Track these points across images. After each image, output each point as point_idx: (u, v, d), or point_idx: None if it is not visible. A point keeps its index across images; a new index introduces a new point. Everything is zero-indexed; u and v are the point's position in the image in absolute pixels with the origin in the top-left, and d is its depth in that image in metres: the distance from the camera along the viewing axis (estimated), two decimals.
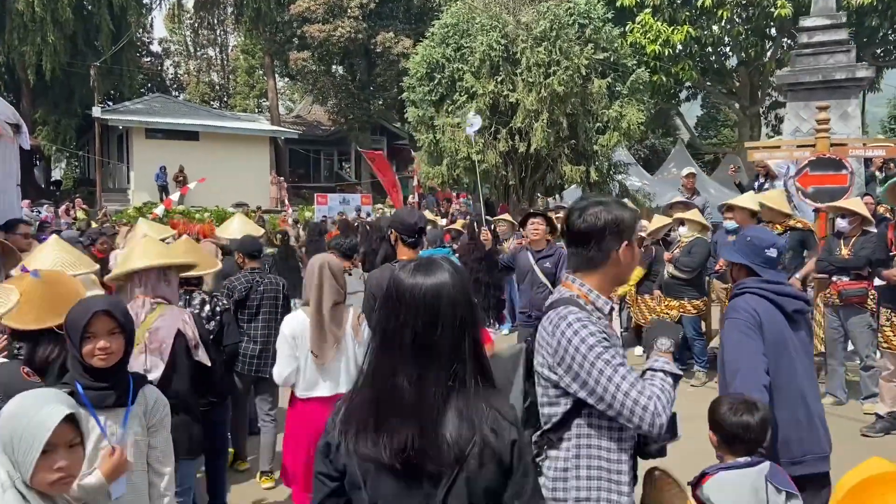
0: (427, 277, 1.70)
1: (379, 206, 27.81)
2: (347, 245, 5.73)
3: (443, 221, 16.90)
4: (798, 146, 7.63)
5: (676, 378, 2.14)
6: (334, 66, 32.99)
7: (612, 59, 16.36)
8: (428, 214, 14.06)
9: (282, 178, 30.71)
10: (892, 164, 8.41)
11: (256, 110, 44.81)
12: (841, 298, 6.55)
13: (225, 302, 4.93)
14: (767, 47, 18.66)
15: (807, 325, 3.14)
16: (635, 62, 16.66)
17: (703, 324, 7.90)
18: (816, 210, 7.32)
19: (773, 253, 3.05)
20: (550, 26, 15.46)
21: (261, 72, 45.41)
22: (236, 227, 7.43)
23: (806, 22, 10.06)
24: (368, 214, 25.19)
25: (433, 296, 1.68)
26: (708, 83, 19.97)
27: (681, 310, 7.50)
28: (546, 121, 15.24)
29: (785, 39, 18.49)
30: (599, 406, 2.04)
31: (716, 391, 3.07)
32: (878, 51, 20.30)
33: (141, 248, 3.65)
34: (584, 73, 15.58)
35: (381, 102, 34.53)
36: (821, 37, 9.78)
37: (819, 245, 6.90)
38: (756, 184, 8.94)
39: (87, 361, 2.48)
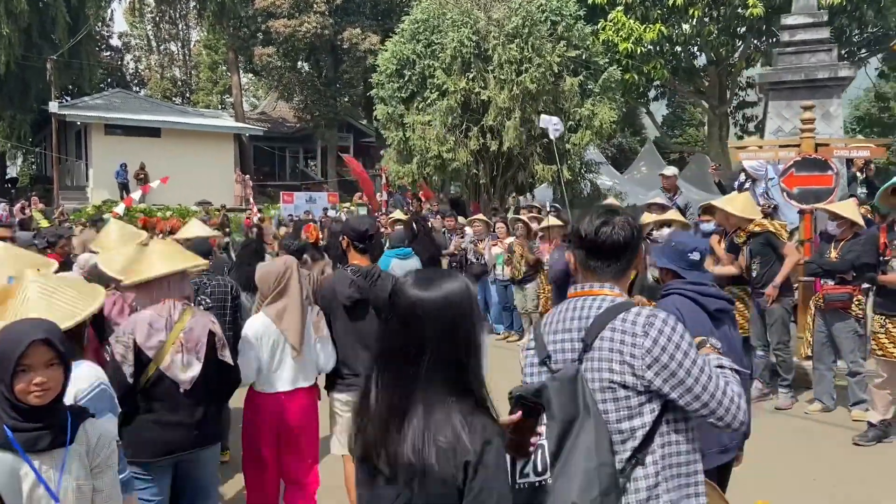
0: (416, 289, 1.73)
1: (346, 204, 27.34)
2: (296, 246, 5.64)
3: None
4: (783, 146, 7.45)
5: (739, 375, 2.21)
6: (300, 63, 32.37)
7: (584, 57, 16.18)
8: (398, 214, 13.71)
9: (247, 176, 30.07)
10: (872, 166, 8.30)
11: (220, 106, 43.94)
12: (825, 302, 6.37)
13: (209, 301, 4.95)
14: (737, 46, 18.60)
15: (731, 321, 3.34)
16: (607, 60, 16.49)
17: None
18: (801, 211, 7.15)
19: (695, 256, 3.28)
20: (522, 23, 15.22)
21: (224, 67, 44.63)
22: (194, 231, 7.25)
23: (787, 20, 9.92)
24: (337, 213, 24.75)
25: (408, 307, 1.71)
26: (677, 82, 19.89)
27: None
28: (518, 119, 14.98)
29: (755, 40, 18.46)
30: (693, 405, 1.99)
31: None
32: (843, 51, 20.44)
33: (160, 251, 3.66)
34: (556, 71, 15.38)
35: (346, 99, 34.05)
36: (802, 35, 9.65)
37: (786, 243, 6.71)
38: (736, 183, 8.77)
39: (19, 399, 2.10)
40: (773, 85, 9.83)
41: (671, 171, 9.62)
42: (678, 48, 17.76)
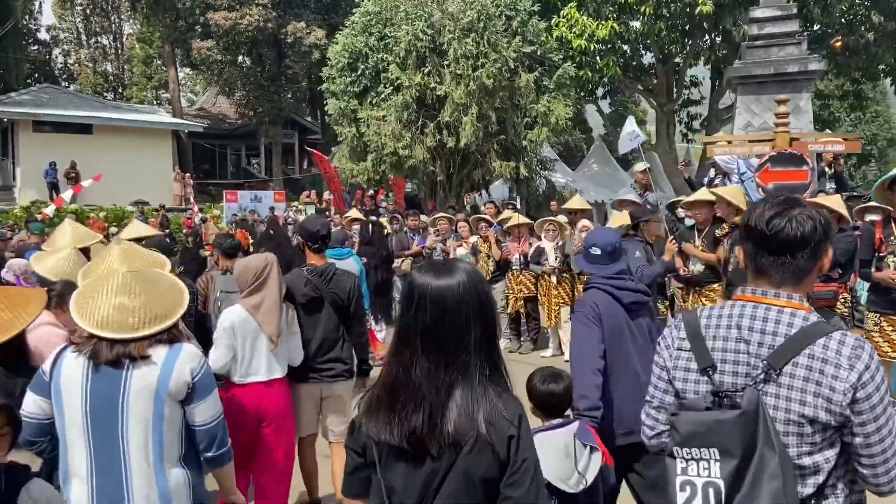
0: (436, 278, 1.81)
1: (294, 203, 26.60)
2: (228, 245, 5.58)
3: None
4: (756, 141, 7.33)
5: None
6: (241, 57, 31.36)
7: (538, 53, 16.00)
8: (355, 213, 13.23)
9: (186, 174, 28.98)
10: (841, 160, 8.29)
11: (155, 102, 42.41)
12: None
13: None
14: (686, 44, 18.70)
15: (648, 313, 3.52)
16: (561, 56, 16.35)
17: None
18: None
19: (595, 251, 3.48)
20: (478, 17, 14.93)
21: (159, 62, 43.08)
22: (137, 231, 6.94)
23: (756, 13, 9.86)
24: (284, 212, 24.01)
25: (439, 294, 1.79)
26: (629, 79, 19.93)
27: None
28: (475, 115, 14.69)
29: (704, 38, 18.59)
30: (874, 449, 1.79)
31: None
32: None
33: (122, 254, 3.38)
34: (511, 67, 15.14)
35: (290, 96, 33.20)
36: (771, 28, 9.59)
37: None
38: (706, 179, 8.64)
39: None
40: (742, 79, 9.76)
41: (643, 166, 9.43)
42: (628, 46, 17.70)
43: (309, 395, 4.39)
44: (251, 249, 10.04)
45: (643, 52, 19.86)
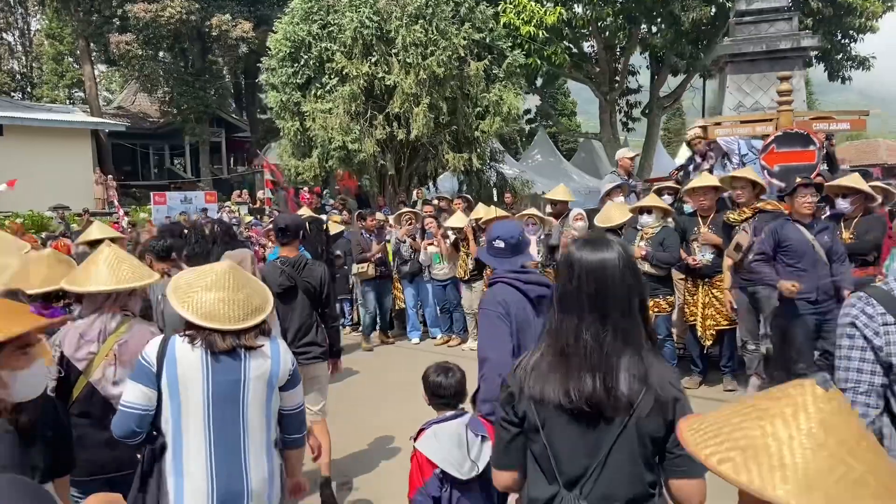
0: (593, 252, 1.97)
1: (227, 204, 25.41)
2: (160, 247, 5.39)
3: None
4: (758, 121, 7.02)
5: None
6: (163, 52, 29.77)
7: (487, 41, 15.50)
8: (306, 211, 12.46)
9: (109, 176, 27.30)
10: (833, 140, 8.11)
11: (68, 101, 40.02)
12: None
13: None
14: (632, 30, 18.55)
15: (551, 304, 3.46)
16: (510, 44, 15.91)
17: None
18: (782, 191, 6.72)
19: (499, 244, 3.41)
20: (426, 3, 14.31)
21: (71, 59, 40.68)
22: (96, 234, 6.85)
23: None
24: (218, 214, 22.85)
25: (600, 266, 1.94)
26: (573, 68, 19.67)
27: (655, 308, 6.63)
28: (427, 105, 14.09)
29: (651, 25, 18.49)
30: None
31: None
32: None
33: (110, 260, 3.38)
34: (461, 55, 14.60)
35: (213, 92, 31.63)
36: (760, 3, 9.28)
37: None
38: (692, 165, 8.31)
39: None
40: (731, 57, 9.42)
41: (631, 152, 9.00)
42: (574, 33, 17.41)
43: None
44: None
45: (590, 39, 19.61)
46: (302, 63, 14.84)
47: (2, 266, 4.23)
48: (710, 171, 7.61)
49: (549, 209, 9.18)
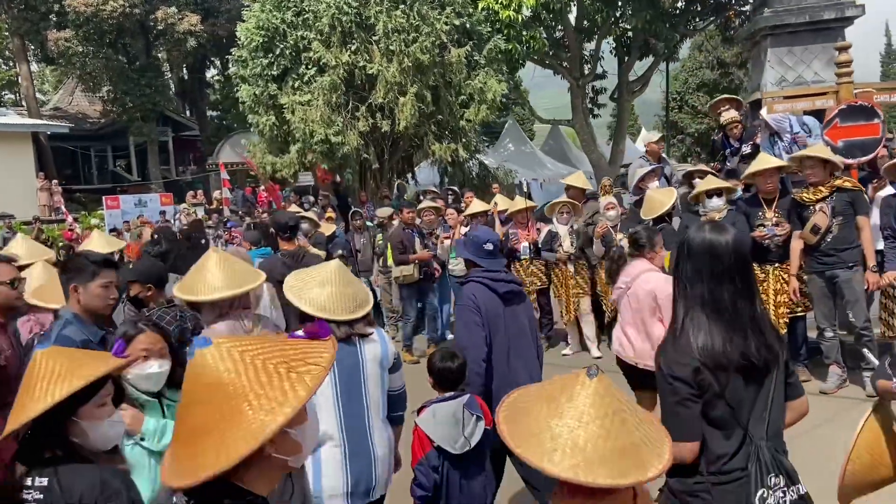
0: (722, 234, 2.33)
1: (184, 205, 24.24)
2: (157, 251, 5.63)
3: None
4: (814, 95, 6.67)
5: None
6: (105, 48, 28.17)
7: (467, 26, 14.96)
8: (293, 208, 11.71)
9: (54, 181, 25.77)
10: None
11: None
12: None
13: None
14: (611, 14, 18.15)
15: (518, 300, 3.98)
16: (490, 29, 15.39)
17: None
18: (847, 167, 6.40)
19: (489, 247, 3.96)
20: None
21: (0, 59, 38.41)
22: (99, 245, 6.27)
23: None
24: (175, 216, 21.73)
25: (738, 244, 2.34)
26: (550, 53, 19.25)
27: None
28: (413, 95, 13.47)
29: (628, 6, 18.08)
30: None
31: None
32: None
33: (221, 266, 3.48)
34: (443, 41, 14.03)
35: (159, 89, 30.17)
36: None
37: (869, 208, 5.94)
38: (728, 150, 7.90)
39: None
40: (772, 30, 8.96)
41: (656, 135, 8.53)
42: (551, 17, 16.97)
43: None
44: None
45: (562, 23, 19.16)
46: (277, 53, 14.02)
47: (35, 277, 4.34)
48: (754, 153, 7.21)
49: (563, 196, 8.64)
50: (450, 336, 9.26)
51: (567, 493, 1.60)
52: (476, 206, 8.73)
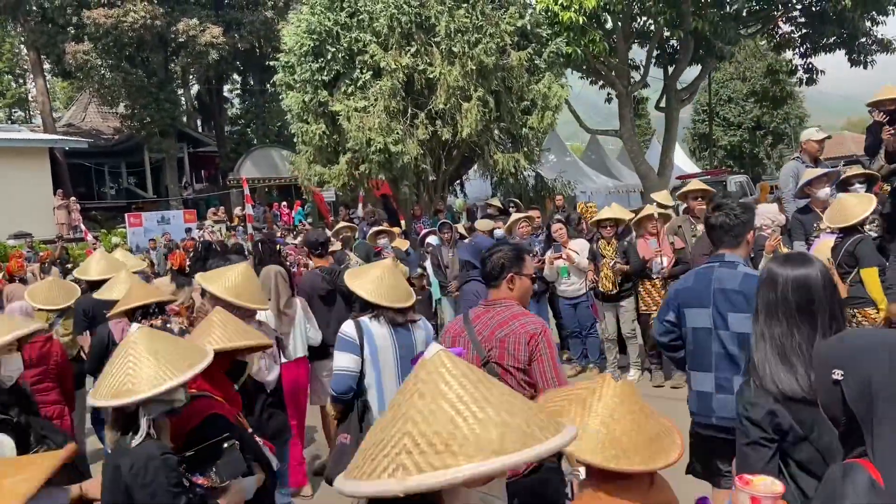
0: (795, 268, 2.30)
1: (206, 223, 23.27)
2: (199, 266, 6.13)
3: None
4: None
5: None
6: (123, 62, 27.26)
7: (528, 27, 14.02)
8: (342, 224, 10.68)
9: (72, 198, 24.79)
10: None
11: (9, 121, 36.90)
12: None
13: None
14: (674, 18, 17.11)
15: None
16: (550, 31, 14.45)
17: None
18: None
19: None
20: None
21: (10, 76, 37.67)
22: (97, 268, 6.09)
23: None
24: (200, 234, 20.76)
25: (804, 280, 2.27)
26: (600, 60, 18.28)
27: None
28: (478, 100, 12.49)
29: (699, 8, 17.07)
30: None
31: None
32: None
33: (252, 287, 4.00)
34: (509, 43, 13.08)
35: (171, 103, 29.09)
36: None
37: None
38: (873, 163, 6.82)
39: None
40: None
41: (821, 134, 7.47)
42: (614, 18, 16.02)
43: (327, 369, 4.98)
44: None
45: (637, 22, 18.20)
46: (328, 58, 13.03)
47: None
48: None
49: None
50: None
51: (599, 479, 1.79)
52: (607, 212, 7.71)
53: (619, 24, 16.58)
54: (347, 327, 3.50)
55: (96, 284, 5.59)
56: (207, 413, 2.54)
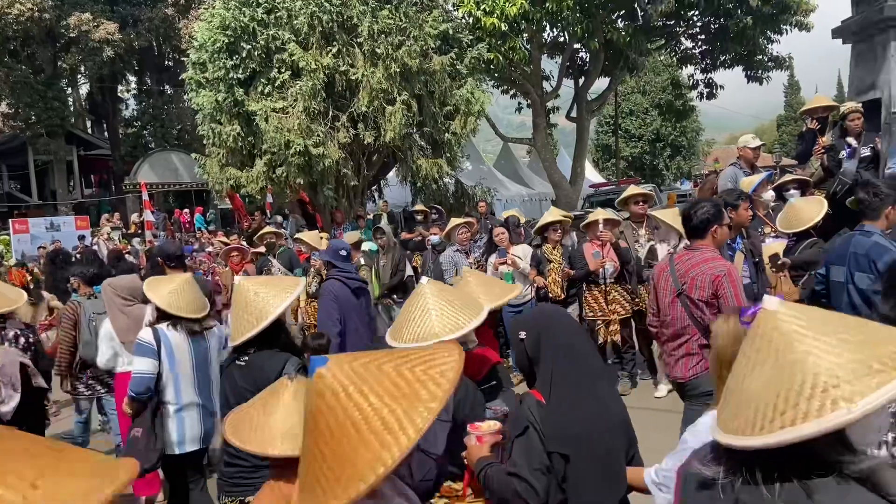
0: None
1: (102, 230, 21.81)
2: (91, 273, 5.74)
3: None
4: None
5: None
6: (7, 57, 25.29)
7: (450, 32, 13.85)
8: (268, 228, 10.15)
9: None
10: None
11: None
12: None
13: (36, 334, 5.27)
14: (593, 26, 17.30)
15: (365, 295, 5.46)
16: (472, 37, 14.34)
17: None
18: None
19: (343, 253, 5.42)
20: None
21: None
22: None
23: None
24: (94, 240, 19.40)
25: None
26: (511, 66, 18.32)
27: None
28: (402, 104, 12.18)
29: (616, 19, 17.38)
30: None
31: None
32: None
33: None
34: (432, 46, 12.86)
35: (59, 102, 27.18)
36: None
37: None
38: (846, 149, 6.93)
39: None
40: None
41: (754, 141, 7.57)
42: (535, 25, 16.02)
43: None
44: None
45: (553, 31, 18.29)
46: (244, 55, 12.39)
47: None
48: (874, 158, 6.40)
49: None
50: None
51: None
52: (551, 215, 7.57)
53: (534, 32, 16.65)
54: (145, 334, 3.88)
55: None
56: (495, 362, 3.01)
